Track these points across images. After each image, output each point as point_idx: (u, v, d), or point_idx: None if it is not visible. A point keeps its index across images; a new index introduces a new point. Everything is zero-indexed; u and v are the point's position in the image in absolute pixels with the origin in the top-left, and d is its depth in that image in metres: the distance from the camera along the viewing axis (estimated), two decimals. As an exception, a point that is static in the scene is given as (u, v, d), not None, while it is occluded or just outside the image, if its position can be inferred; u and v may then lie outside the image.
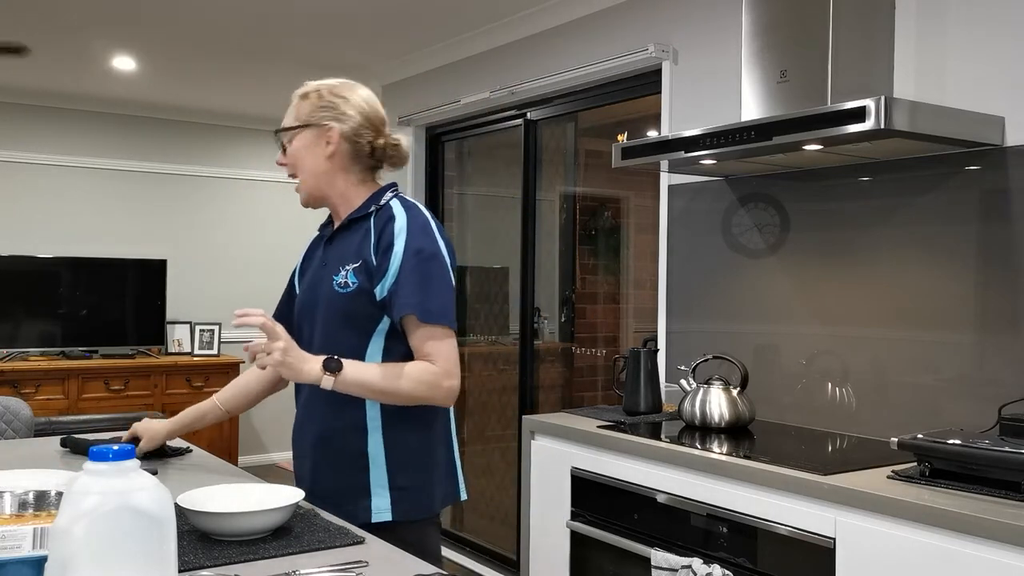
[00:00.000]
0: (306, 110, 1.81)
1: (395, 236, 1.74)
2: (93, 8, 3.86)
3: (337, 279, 1.76)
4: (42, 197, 5.78)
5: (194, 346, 5.98)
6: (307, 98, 1.82)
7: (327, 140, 1.80)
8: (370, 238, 1.77)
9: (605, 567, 2.48)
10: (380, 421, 1.77)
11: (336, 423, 1.77)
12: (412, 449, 1.79)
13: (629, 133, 3.98)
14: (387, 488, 1.76)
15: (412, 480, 1.79)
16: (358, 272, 1.75)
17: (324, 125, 1.79)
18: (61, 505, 0.92)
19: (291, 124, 1.81)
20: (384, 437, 1.77)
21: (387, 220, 1.77)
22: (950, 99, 2.34)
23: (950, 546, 1.70)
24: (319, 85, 1.84)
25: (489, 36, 4.07)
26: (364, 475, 1.76)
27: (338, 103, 1.81)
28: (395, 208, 1.79)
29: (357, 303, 1.74)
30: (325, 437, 1.79)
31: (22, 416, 2.95)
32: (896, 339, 2.46)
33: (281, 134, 1.82)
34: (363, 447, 1.76)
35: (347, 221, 1.82)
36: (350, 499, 1.76)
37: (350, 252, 1.78)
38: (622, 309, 4.43)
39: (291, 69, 4.93)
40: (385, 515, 1.75)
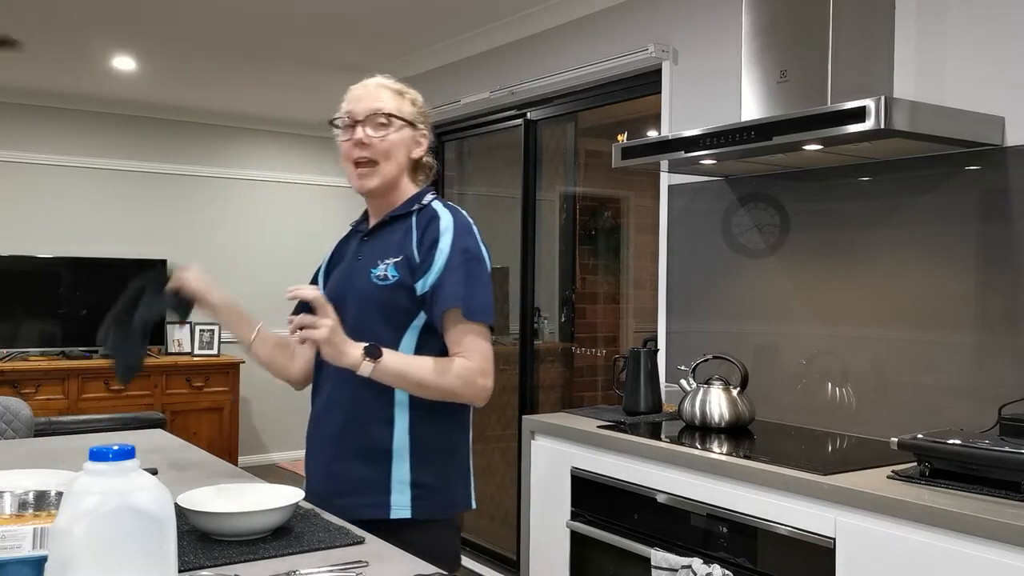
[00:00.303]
0: (409, 110, 1.83)
1: (440, 234, 1.76)
2: (93, 8, 3.86)
3: (375, 272, 1.76)
4: (42, 197, 5.78)
5: (194, 346, 5.97)
6: (403, 96, 1.83)
7: (418, 144, 1.85)
8: (412, 235, 1.78)
9: (605, 567, 2.48)
10: (408, 415, 1.75)
11: (362, 414, 1.75)
12: (437, 447, 1.78)
13: (629, 133, 3.98)
14: (408, 484, 1.74)
15: (434, 479, 1.77)
16: (399, 266, 1.75)
17: (421, 130, 1.85)
18: (61, 505, 0.92)
19: (398, 115, 1.80)
20: (410, 432, 1.75)
21: (431, 218, 1.79)
22: (950, 99, 2.34)
23: (950, 546, 1.70)
24: (409, 88, 1.87)
25: (489, 36, 4.08)
26: (386, 469, 1.74)
27: (428, 117, 1.89)
28: (438, 209, 1.81)
29: (395, 296, 1.74)
30: (349, 428, 1.76)
31: (22, 416, 2.95)
32: (896, 339, 2.46)
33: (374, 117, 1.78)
34: (388, 440, 1.74)
35: (388, 218, 1.83)
36: (368, 493, 1.73)
37: (390, 247, 1.79)
38: (622, 309, 4.43)
39: (291, 69, 4.93)
40: (404, 512, 1.73)
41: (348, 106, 1.81)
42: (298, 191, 6.73)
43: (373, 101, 1.79)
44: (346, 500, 1.73)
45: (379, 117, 1.78)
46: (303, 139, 6.72)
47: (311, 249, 6.64)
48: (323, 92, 5.48)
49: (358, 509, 1.71)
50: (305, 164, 6.75)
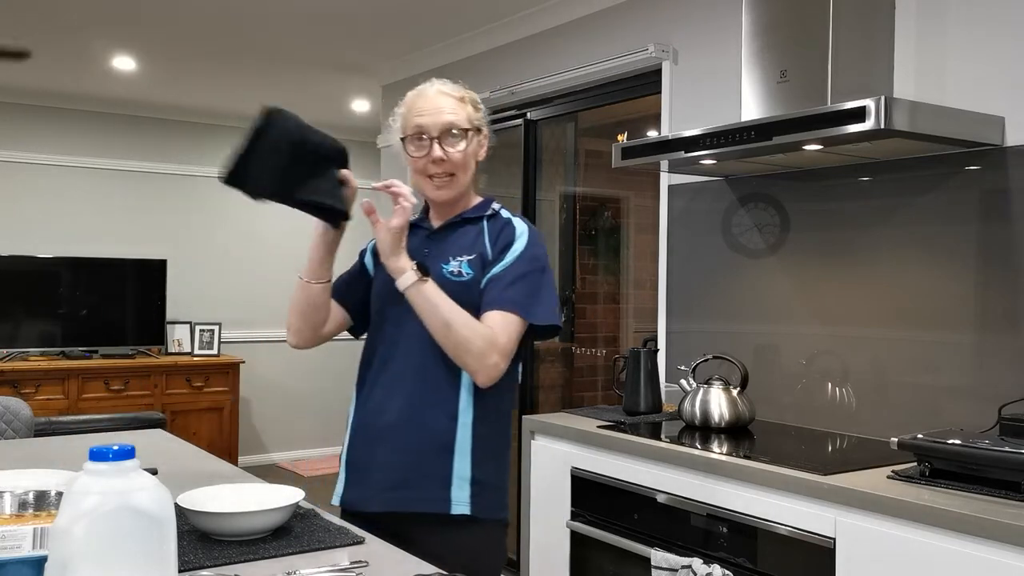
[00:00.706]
0: (473, 114, 1.82)
1: (516, 237, 1.79)
2: (93, 8, 3.86)
3: (448, 267, 1.76)
4: (42, 197, 5.78)
5: (194, 346, 5.98)
6: (466, 102, 1.82)
7: (481, 146, 1.85)
8: (484, 236, 1.80)
9: (605, 567, 2.48)
10: (472, 412, 1.75)
11: (426, 407, 1.74)
12: (494, 446, 1.79)
13: (629, 133, 3.98)
14: (468, 481, 1.74)
15: (491, 476, 1.78)
16: (473, 264, 1.77)
17: (485, 132, 1.85)
18: (61, 505, 0.92)
19: (467, 126, 1.79)
20: (473, 428, 1.75)
21: (504, 224, 1.82)
22: (950, 99, 2.34)
23: (950, 546, 1.70)
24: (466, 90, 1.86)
25: (489, 36, 4.08)
26: (447, 464, 1.73)
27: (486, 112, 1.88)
28: (511, 217, 1.85)
29: (468, 293, 1.74)
30: (411, 420, 1.74)
31: (22, 416, 2.95)
32: (896, 339, 2.46)
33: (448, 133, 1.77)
34: (451, 435, 1.73)
35: (459, 219, 1.84)
36: (428, 487, 1.72)
37: (463, 246, 1.80)
38: (622, 309, 4.43)
39: (291, 69, 4.93)
40: (464, 508, 1.72)
41: (418, 120, 1.78)
42: (298, 191, 6.72)
43: (443, 115, 1.77)
44: (403, 492, 1.71)
45: (453, 132, 1.77)
46: (303, 139, 6.71)
47: (311, 249, 6.63)
48: (323, 92, 5.48)
49: (416, 502, 1.71)
50: (305, 164, 6.74)
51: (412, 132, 1.78)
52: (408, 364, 1.75)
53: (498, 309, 1.71)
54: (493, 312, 1.72)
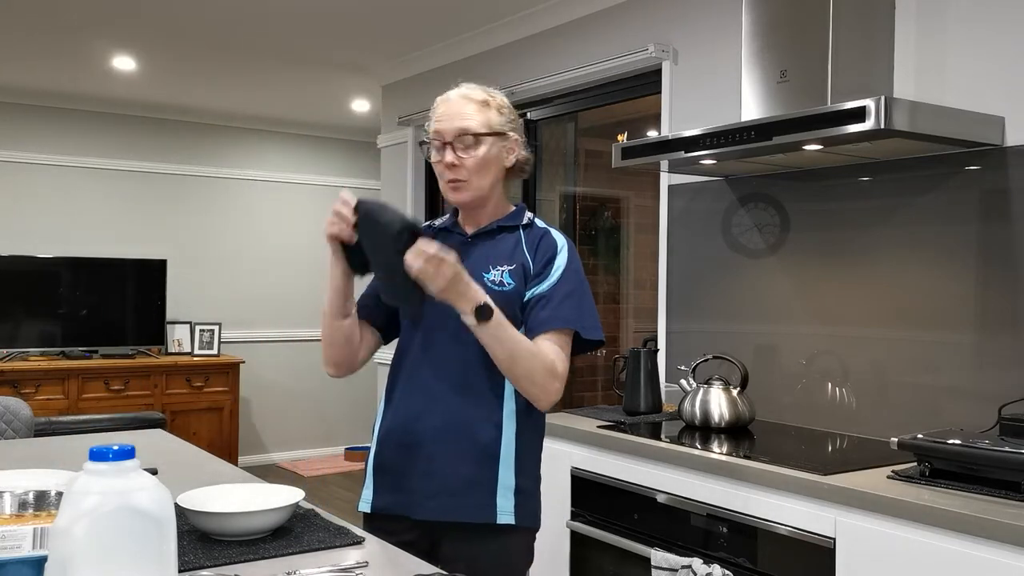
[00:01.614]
0: (496, 119, 1.79)
1: (557, 250, 1.78)
2: (93, 8, 3.86)
3: (489, 276, 1.75)
4: (42, 197, 5.78)
5: (194, 346, 5.98)
6: (489, 106, 1.80)
7: (509, 151, 1.82)
8: (522, 247, 1.79)
9: (605, 567, 2.48)
10: (515, 421, 1.74)
11: (471, 415, 1.72)
12: (533, 455, 1.79)
13: (629, 133, 3.98)
14: (512, 490, 1.73)
15: (532, 485, 1.77)
16: (514, 274, 1.76)
17: (512, 136, 1.82)
18: (61, 505, 0.92)
19: (484, 131, 1.77)
20: (517, 438, 1.74)
21: (542, 235, 1.81)
22: (950, 99, 2.34)
23: (950, 546, 1.70)
24: (493, 94, 1.84)
25: (489, 36, 4.08)
26: (493, 473, 1.72)
27: (516, 117, 1.85)
28: (548, 228, 1.84)
29: (509, 302, 1.73)
30: (457, 428, 1.72)
31: (22, 416, 2.95)
32: (896, 339, 2.46)
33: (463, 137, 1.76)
34: (496, 444, 1.72)
35: (496, 227, 1.83)
36: (475, 495, 1.71)
37: (502, 255, 1.78)
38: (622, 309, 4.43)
39: (291, 69, 4.93)
40: (508, 518, 1.71)
41: (436, 125, 1.79)
42: (298, 191, 6.73)
43: (459, 120, 1.76)
44: (448, 500, 1.70)
45: (466, 138, 1.76)
46: (303, 139, 6.72)
47: (311, 249, 6.65)
48: (323, 92, 5.48)
49: (462, 511, 1.70)
50: (305, 164, 6.75)
51: (431, 137, 1.80)
52: (448, 372, 1.73)
53: (553, 330, 1.71)
54: (549, 333, 1.71)
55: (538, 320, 1.72)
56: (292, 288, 6.57)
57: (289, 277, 6.62)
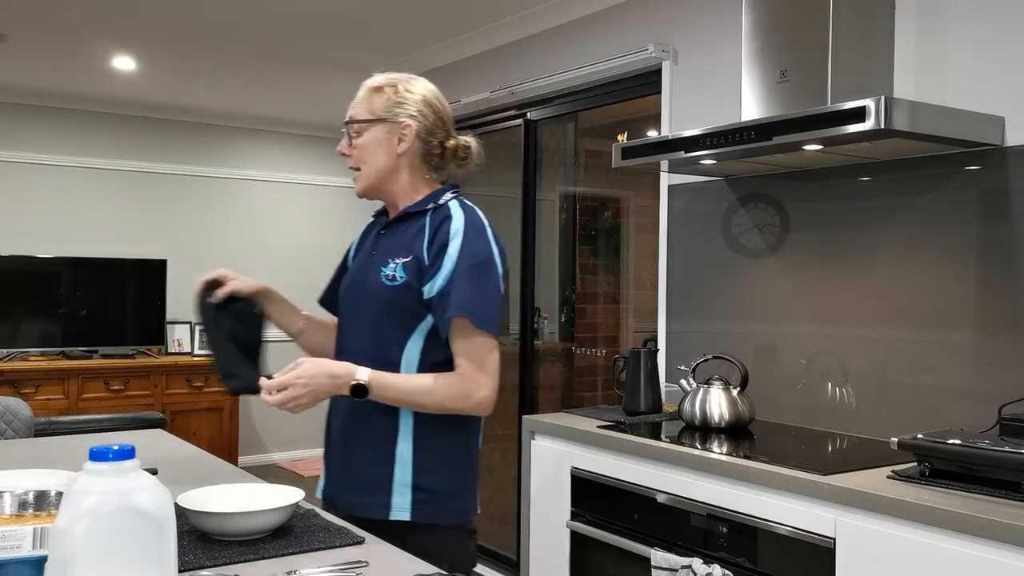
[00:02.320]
0: (381, 104, 1.78)
1: (451, 237, 1.72)
2: (93, 8, 3.86)
3: (385, 271, 1.74)
4: (42, 197, 5.78)
5: (194, 346, 5.98)
6: (381, 92, 1.79)
7: (400, 137, 1.78)
8: (424, 235, 1.75)
9: (605, 567, 2.48)
10: (413, 417, 1.73)
11: (368, 411, 1.72)
12: (442, 450, 1.75)
13: (629, 133, 3.98)
14: (411, 487, 1.72)
15: (438, 483, 1.74)
16: (408, 267, 1.72)
17: (401, 122, 1.78)
18: (61, 505, 0.92)
19: (365, 117, 1.78)
20: (417, 434, 1.73)
21: (443, 219, 1.75)
22: (950, 99, 2.34)
23: (950, 546, 1.70)
24: (392, 78, 1.82)
25: (489, 36, 4.07)
26: (389, 469, 1.72)
27: (414, 99, 1.81)
28: (453, 209, 1.76)
29: (402, 297, 1.72)
30: (355, 425, 1.76)
31: (22, 416, 2.95)
32: (896, 339, 2.46)
33: (349, 126, 1.79)
34: (392, 441, 1.73)
35: (403, 214, 1.80)
36: (371, 493, 1.72)
37: (401, 246, 1.76)
38: (622, 309, 4.43)
39: (291, 69, 4.93)
40: (404, 514, 1.70)
41: None
42: (298, 191, 6.73)
43: (350, 108, 1.81)
44: (350, 497, 1.73)
45: (352, 126, 1.80)
46: (303, 139, 6.72)
47: (311, 249, 6.64)
48: (323, 92, 5.48)
49: (358, 506, 1.71)
50: (305, 164, 6.75)
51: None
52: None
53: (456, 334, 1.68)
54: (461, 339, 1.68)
55: (440, 319, 1.69)
56: (292, 288, 6.51)
57: (289, 277, 6.60)
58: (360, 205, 1.94)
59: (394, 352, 1.73)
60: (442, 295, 1.68)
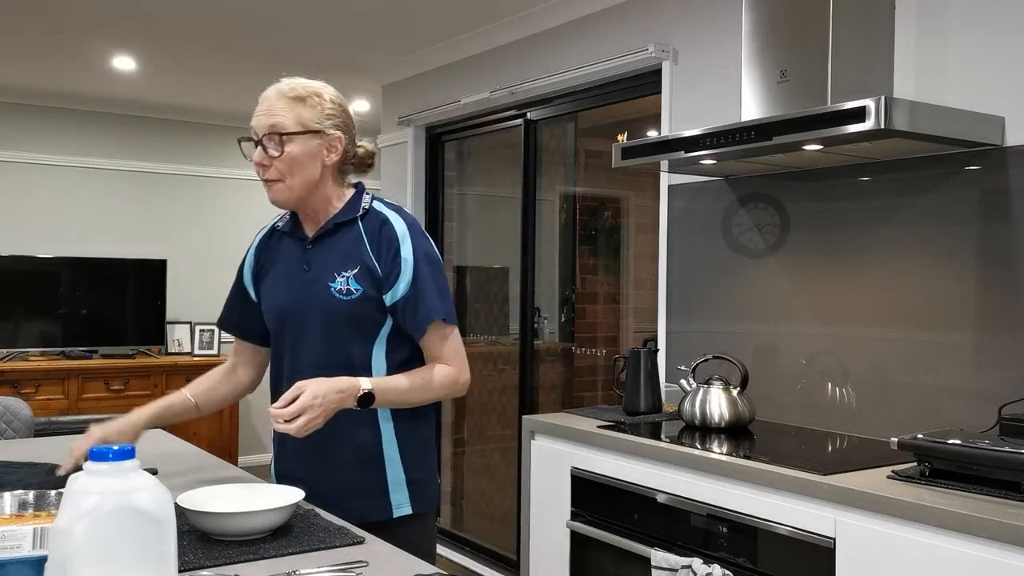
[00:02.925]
0: (310, 115, 1.72)
1: (399, 241, 1.73)
2: (93, 8, 3.86)
3: (335, 286, 1.73)
4: (42, 197, 5.77)
5: (194, 346, 5.98)
6: (304, 101, 1.72)
7: (330, 149, 1.75)
8: (364, 242, 1.74)
9: (605, 567, 2.48)
10: (392, 419, 1.78)
11: (347, 423, 1.73)
12: (419, 443, 1.82)
13: (629, 133, 3.98)
14: (404, 483, 1.78)
15: (423, 473, 1.82)
16: (360, 278, 1.72)
17: (332, 134, 1.75)
18: (61, 505, 0.92)
19: (295, 129, 1.70)
20: (396, 432, 1.78)
21: (381, 224, 1.75)
22: (950, 99, 2.34)
23: (950, 546, 1.70)
24: (310, 86, 1.76)
25: (489, 36, 4.08)
26: (380, 473, 1.77)
27: (340, 110, 1.78)
28: (385, 212, 1.78)
29: (362, 309, 1.72)
30: (335, 438, 1.75)
31: (22, 416, 2.95)
32: (896, 339, 2.46)
33: (271, 137, 1.70)
34: (377, 446, 1.77)
35: (332, 226, 1.78)
36: (367, 497, 1.75)
37: (341, 257, 1.74)
38: (622, 309, 4.43)
39: (291, 69, 4.90)
40: (405, 509, 1.78)
41: (252, 122, 1.74)
42: (298, 191, 6.72)
43: (269, 117, 1.71)
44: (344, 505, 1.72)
45: (274, 137, 1.70)
46: (303, 139, 6.72)
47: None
48: (323, 92, 5.47)
49: (359, 512, 1.71)
50: (305, 164, 6.75)
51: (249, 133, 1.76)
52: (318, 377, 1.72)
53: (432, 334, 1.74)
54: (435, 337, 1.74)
55: (415, 324, 1.73)
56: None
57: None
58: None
59: (361, 362, 1.74)
60: (408, 300, 1.72)
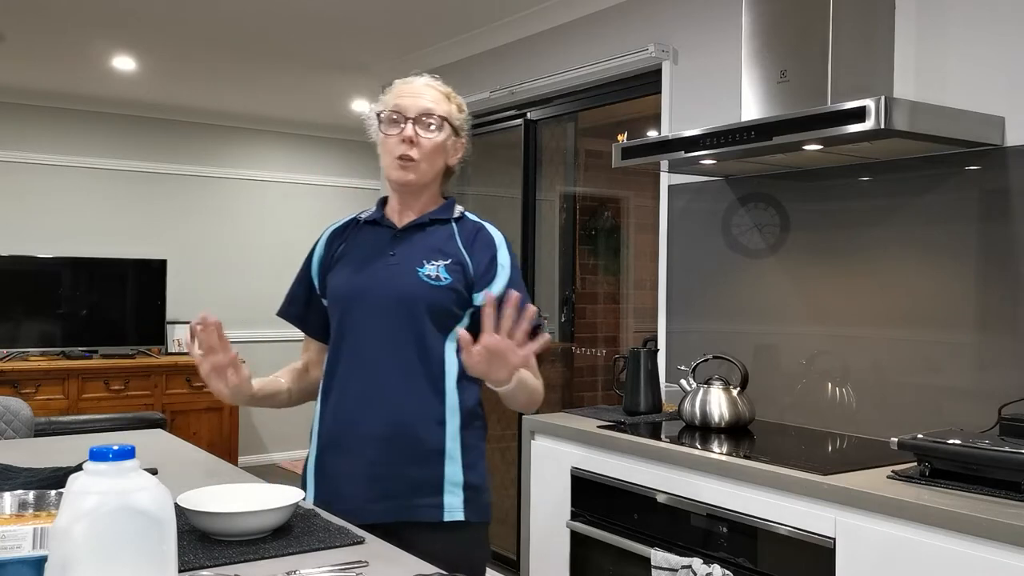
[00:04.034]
0: (456, 115, 1.82)
1: (497, 247, 1.79)
2: (93, 8, 3.86)
3: (424, 271, 1.73)
4: (42, 197, 5.78)
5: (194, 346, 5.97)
6: (450, 100, 1.82)
7: (456, 151, 1.84)
8: (457, 242, 1.79)
9: (605, 567, 2.48)
10: (459, 417, 1.75)
11: (413, 415, 1.72)
12: (478, 449, 1.80)
13: (629, 133, 3.98)
14: (460, 486, 1.74)
15: (479, 480, 1.78)
16: (451, 270, 1.75)
17: (461, 138, 1.84)
18: (61, 505, 0.92)
19: (450, 119, 1.80)
20: (461, 433, 1.75)
21: (477, 230, 1.82)
22: (950, 99, 2.34)
23: (950, 546, 1.70)
24: (452, 93, 1.85)
25: (489, 36, 4.07)
26: (439, 471, 1.73)
27: (468, 121, 1.87)
28: (480, 221, 1.85)
29: (445, 298, 1.73)
30: (398, 429, 1.72)
31: (22, 416, 2.95)
32: (896, 339, 2.46)
33: (430, 117, 1.77)
34: (440, 442, 1.73)
35: (427, 219, 1.81)
36: (421, 495, 1.71)
37: (434, 248, 1.77)
38: (622, 309, 4.43)
39: (291, 69, 4.93)
40: (458, 514, 1.72)
41: (397, 100, 1.79)
42: (298, 191, 6.73)
43: (424, 100, 1.78)
44: (396, 502, 1.70)
45: (431, 119, 1.77)
46: (303, 139, 6.72)
47: (311, 249, 6.64)
48: (323, 92, 5.48)
49: (411, 511, 1.70)
50: (305, 164, 6.75)
51: (390, 110, 1.79)
52: (385, 374, 1.72)
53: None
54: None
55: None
56: (292, 288, 6.56)
57: (289, 277, 6.60)
58: (362, 205, 1.93)
59: (437, 353, 1.74)
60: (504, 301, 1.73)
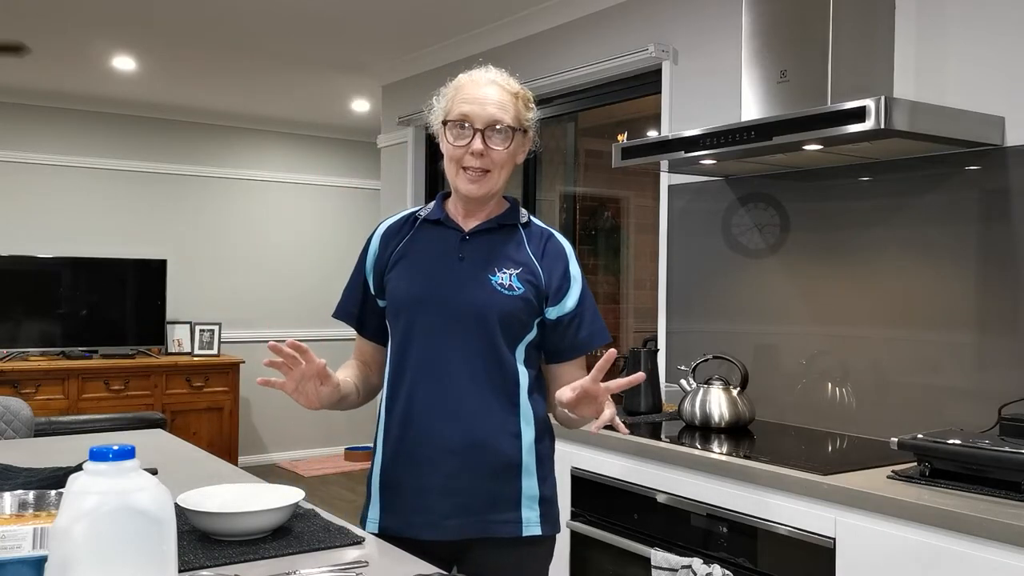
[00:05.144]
0: (523, 113, 1.73)
1: (568, 259, 1.75)
2: (93, 8, 3.86)
3: (496, 279, 1.67)
4: (42, 197, 5.78)
5: (194, 346, 5.97)
6: (518, 98, 1.74)
7: (524, 146, 1.76)
8: (526, 249, 1.72)
9: (605, 567, 2.48)
10: (533, 429, 1.70)
11: (490, 427, 1.66)
12: (550, 461, 1.76)
13: (629, 133, 3.98)
14: (537, 500, 1.70)
15: (552, 492, 1.74)
16: (522, 279, 1.68)
17: (529, 135, 1.77)
18: (61, 505, 0.92)
19: (516, 126, 1.70)
20: (535, 445, 1.71)
21: (547, 238, 1.75)
22: (950, 99, 2.34)
23: (950, 546, 1.70)
24: (518, 84, 1.79)
25: (489, 36, 4.07)
26: (516, 484, 1.68)
27: (536, 113, 1.79)
28: (547, 228, 1.80)
29: (517, 308, 1.66)
30: (477, 442, 1.65)
31: (22, 416, 2.95)
32: (896, 339, 2.46)
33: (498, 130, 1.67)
34: (516, 455, 1.68)
35: (496, 224, 1.73)
36: (497, 511, 1.66)
37: (505, 255, 1.70)
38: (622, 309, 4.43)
39: (291, 69, 4.93)
40: (535, 529, 1.68)
41: (463, 108, 1.69)
42: (298, 191, 6.73)
43: (491, 108, 1.68)
44: (473, 518, 1.65)
45: (503, 131, 1.68)
46: (303, 139, 6.72)
47: (311, 249, 6.65)
48: (323, 92, 5.48)
49: (488, 527, 1.65)
50: (305, 164, 6.75)
51: (456, 118, 1.68)
52: (457, 384, 1.65)
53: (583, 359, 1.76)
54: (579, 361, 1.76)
55: (579, 341, 1.73)
56: (292, 288, 6.57)
57: (289, 277, 6.62)
58: (363, 205, 1.92)
59: (510, 362, 1.68)
60: (575, 318, 1.73)
